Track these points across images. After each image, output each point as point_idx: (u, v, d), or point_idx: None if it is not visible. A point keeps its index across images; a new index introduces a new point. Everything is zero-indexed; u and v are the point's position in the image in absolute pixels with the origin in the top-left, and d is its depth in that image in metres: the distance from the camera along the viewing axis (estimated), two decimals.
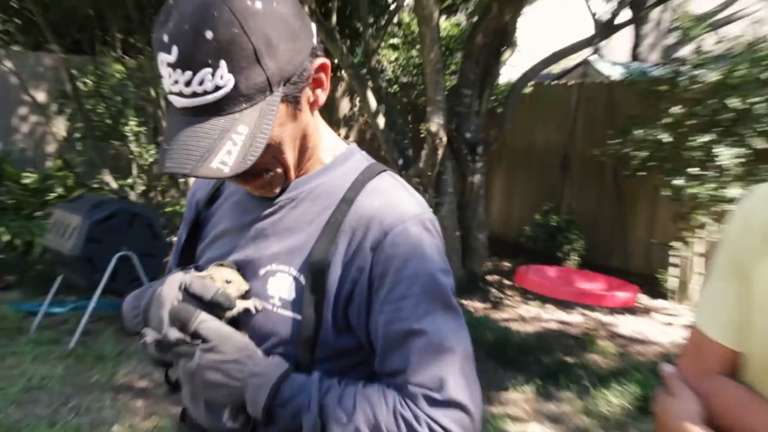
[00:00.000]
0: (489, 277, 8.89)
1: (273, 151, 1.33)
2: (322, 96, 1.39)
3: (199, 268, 1.46)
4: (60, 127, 10.88)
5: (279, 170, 1.39)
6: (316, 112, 1.43)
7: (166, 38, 1.22)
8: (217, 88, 1.22)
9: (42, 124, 11.00)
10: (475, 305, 7.74)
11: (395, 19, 11.71)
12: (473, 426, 1.32)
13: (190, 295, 1.33)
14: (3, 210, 9.18)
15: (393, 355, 1.34)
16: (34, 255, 8.39)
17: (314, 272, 1.36)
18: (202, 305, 1.33)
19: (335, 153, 1.49)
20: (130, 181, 10.52)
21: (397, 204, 1.39)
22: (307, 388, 1.32)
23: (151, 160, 10.54)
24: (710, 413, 1.32)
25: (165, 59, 1.22)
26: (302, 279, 1.38)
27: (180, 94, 1.24)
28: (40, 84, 11.02)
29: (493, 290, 8.48)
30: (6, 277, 7.71)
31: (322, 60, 1.36)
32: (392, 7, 11.17)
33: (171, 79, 1.23)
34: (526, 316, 7.64)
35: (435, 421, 1.29)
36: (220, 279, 1.37)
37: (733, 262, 1.38)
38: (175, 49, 1.20)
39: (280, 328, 1.37)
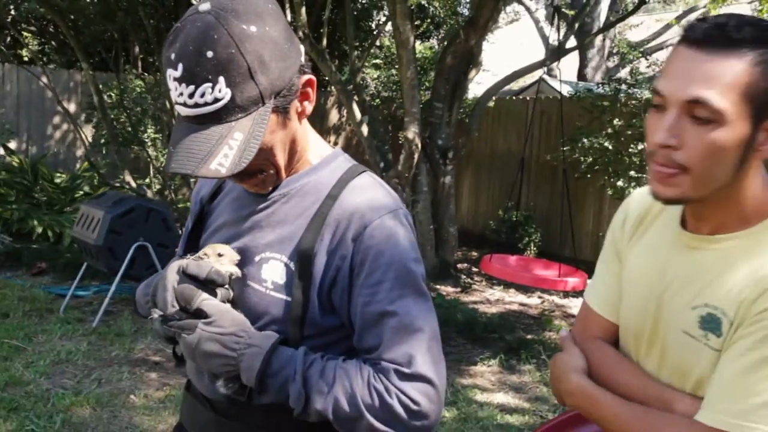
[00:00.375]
0: (459, 265, 8.92)
1: (265, 154, 1.35)
2: (309, 107, 1.41)
3: None
4: (88, 134, 10.82)
5: (271, 171, 1.40)
6: (305, 121, 1.45)
7: (173, 56, 1.26)
8: (216, 100, 1.25)
9: (72, 131, 11.06)
10: (447, 290, 7.78)
11: (377, 43, 11.63)
12: (438, 397, 1.33)
13: (187, 276, 1.34)
14: (37, 206, 9.09)
15: (369, 333, 1.35)
16: (63, 245, 8.37)
17: (302, 260, 1.37)
18: (199, 284, 1.33)
19: (322, 155, 1.49)
20: (147, 180, 10.53)
21: (375, 200, 1.40)
22: (293, 361, 1.33)
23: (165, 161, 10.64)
24: (590, 370, 1.39)
25: (172, 74, 1.26)
26: (292, 265, 1.39)
27: (184, 105, 1.27)
28: (72, 97, 11.10)
29: (463, 276, 8.54)
30: (39, 264, 7.70)
31: (308, 76, 1.38)
32: (375, 32, 11.08)
33: (177, 92, 1.27)
34: (491, 299, 7.72)
35: (403, 393, 1.30)
36: (213, 254, 1.38)
37: (614, 247, 1.48)
38: (180, 66, 1.24)
39: (272, 308, 1.38)
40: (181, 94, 1.26)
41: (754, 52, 1.14)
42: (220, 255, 1.37)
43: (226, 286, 1.37)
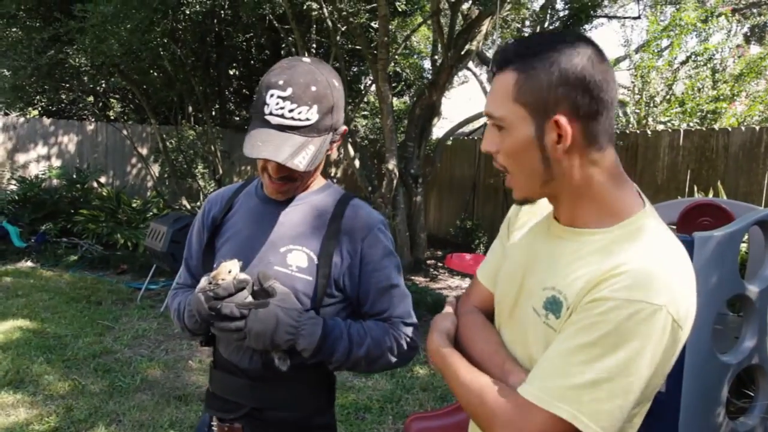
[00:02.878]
0: (428, 261, 8.85)
1: (302, 174, 1.39)
2: (334, 148, 1.46)
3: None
4: (155, 170, 10.96)
5: (298, 183, 1.43)
6: None
7: (282, 82, 1.30)
8: (307, 119, 1.31)
9: (144, 169, 11.14)
10: (419, 280, 7.77)
11: (365, 99, 11.63)
12: (418, 335, 1.46)
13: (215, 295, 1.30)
14: (120, 223, 9.14)
15: (380, 301, 1.43)
16: (138, 251, 8.37)
17: (325, 256, 1.39)
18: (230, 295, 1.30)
19: (321, 183, 1.51)
20: (198, 203, 10.53)
21: (369, 217, 1.46)
22: (338, 324, 1.37)
23: (211, 190, 10.48)
24: (457, 333, 1.19)
25: (278, 93, 1.29)
26: (312, 255, 1.40)
27: (282, 116, 1.29)
28: (144, 144, 11.21)
29: (431, 270, 8.49)
30: (122, 266, 7.78)
31: (345, 127, 1.45)
32: (363, 92, 11.10)
33: (278, 105, 1.29)
34: (452, 285, 7.70)
35: (407, 335, 1.43)
36: (225, 271, 1.31)
37: (504, 231, 1.30)
38: (290, 89, 1.29)
39: (297, 284, 1.37)
40: (282, 107, 1.30)
41: (517, 65, 1.01)
42: (229, 272, 1.32)
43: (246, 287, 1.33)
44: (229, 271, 1.31)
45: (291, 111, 1.30)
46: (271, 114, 1.31)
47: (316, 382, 1.46)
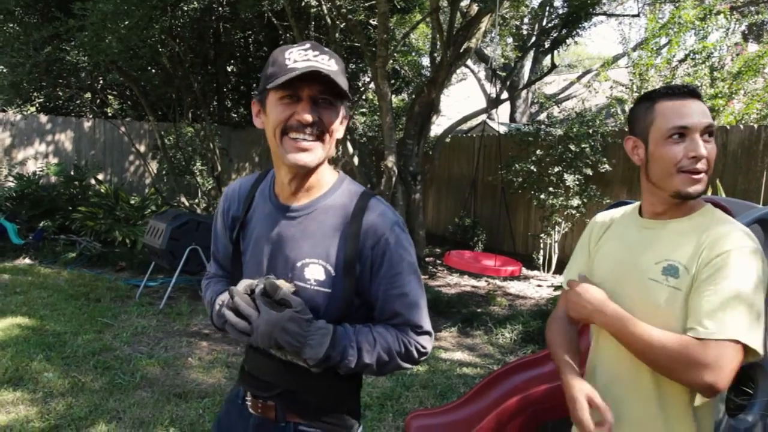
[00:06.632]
0: (427, 259, 8.90)
1: (329, 122, 1.34)
2: (342, 130, 1.41)
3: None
4: (153, 167, 10.97)
5: (320, 144, 1.35)
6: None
7: (307, 45, 1.34)
8: (330, 67, 1.30)
9: (142, 166, 11.14)
10: None
11: (364, 97, 11.66)
12: (432, 341, 1.45)
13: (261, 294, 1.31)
14: (118, 220, 9.15)
15: (391, 306, 1.39)
16: (137, 249, 8.40)
17: (347, 263, 1.36)
18: (273, 301, 1.31)
19: (332, 179, 1.45)
20: (197, 201, 10.58)
21: (386, 216, 1.40)
22: (348, 333, 1.35)
23: (210, 187, 10.55)
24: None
25: (298, 48, 1.33)
26: (329, 267, 1.36)
27: (307, 60, 1.29)
28: (142, 141, 11.21)
29: (430, 267, 8.51)
30: (120, 263, 7.77)
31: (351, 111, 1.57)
32: (362, 89, 11.11)
33: (303, 56, 1.30)
34: (451, 282, 7.70)
35: (418, 343, 1.41)
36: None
37: (586, 248, 1.61)
38: (307, 44, 1.34)
39: (317, 298, 1.36)
40: (306, 55, 1.31)
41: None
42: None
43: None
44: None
45: (316, 57, 1.30)
46: (295, 62, 1.30)
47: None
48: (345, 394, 1.48)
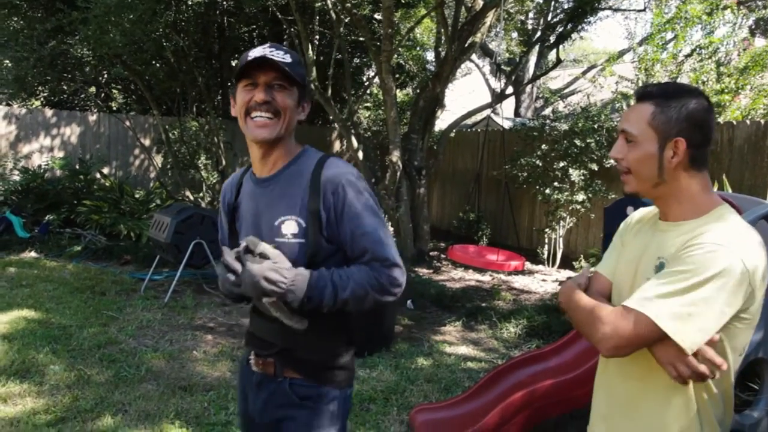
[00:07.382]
0: (431, 253, 8.86)
1: (284, 102, 1.55)
2: (303, 115, 1.64)
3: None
4: (158, 161, 11.00)
5: (277, 121, 1.56)
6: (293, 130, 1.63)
7: (268, 44, 1.57)
8: (284, 60, 1.52)
9: (147, 159, 11.16)
10: (423, 271, 7.76)
11: (368, 91, 11.67)
12: (403, 272, 1.58)
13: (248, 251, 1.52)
14: (123, 214, 9.17)
15: (359, 245, 1.55)
16: (142, 242, 8.41)
17: (312, 215, 1.54)
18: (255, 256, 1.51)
19: (298, 149, 1.65)
20: (201, 194, 10.61)
21: (341, 168, 1.58)
22: (323, 274, 1.52)
23: (214, 181, 10.57)
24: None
25: (268, 49, 1.53)
26: (300, 220, 1.56)
27: (263, 55, 1.51)
28: (147, 135, 11.20)
29: (434, 261, 8.50)
30: (125, 257, 7.79)
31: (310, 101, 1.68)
32: (366, 83, 11.12)
33: (259, 50, 1.52)
34: (455, 277, 7.67)
35: (388, 275, 1.55)
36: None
37: (621, 239, 1.63)
38: (271, 47, 1.54)
39: (295, 249, 1.55)
40: (264, 49, 1.53)
41: (657, 101, 1.41)
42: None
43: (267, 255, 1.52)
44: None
45: (271, 51, 1.52)
46: (252, 54, 1.52)
47: (333, 329, 1.64)
48: (334, 350, 1.66)
